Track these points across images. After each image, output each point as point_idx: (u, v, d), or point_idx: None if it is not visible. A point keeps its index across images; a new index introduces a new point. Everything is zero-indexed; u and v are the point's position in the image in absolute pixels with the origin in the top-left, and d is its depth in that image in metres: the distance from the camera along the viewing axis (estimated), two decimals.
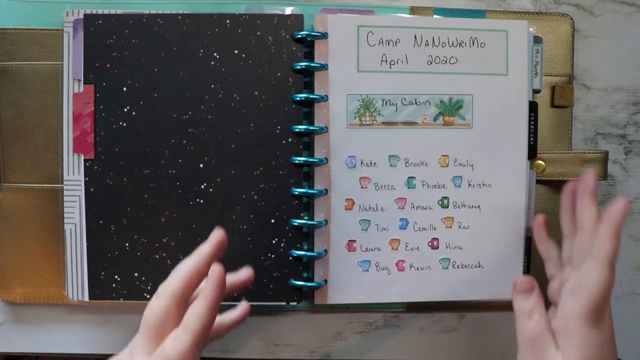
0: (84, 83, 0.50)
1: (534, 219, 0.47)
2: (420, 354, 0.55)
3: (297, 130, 0.49)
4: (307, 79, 0.50)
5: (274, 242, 0.50)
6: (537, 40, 0.52)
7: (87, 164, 0.50)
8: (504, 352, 0.55)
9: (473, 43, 0.49)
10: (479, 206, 0.50)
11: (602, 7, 0.55)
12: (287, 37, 0.49)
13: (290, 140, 0.49)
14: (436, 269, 0.50)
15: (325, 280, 0.50)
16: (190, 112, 0.49)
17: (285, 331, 0.54)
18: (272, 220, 0.50)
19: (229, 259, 0.49)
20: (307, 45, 0.50)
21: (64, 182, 0.51)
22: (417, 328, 0.55)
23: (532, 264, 0.52)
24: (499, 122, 0.50)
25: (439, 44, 0.49)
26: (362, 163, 0.49)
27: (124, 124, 0.50)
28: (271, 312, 0.54)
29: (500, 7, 0.54)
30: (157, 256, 0.50)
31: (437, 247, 0.50)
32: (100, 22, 0.49)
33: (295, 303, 0.50)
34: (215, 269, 0.40)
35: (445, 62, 0.49)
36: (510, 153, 0.50)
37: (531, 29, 0.52)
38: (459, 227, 0.50)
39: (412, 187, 0.50)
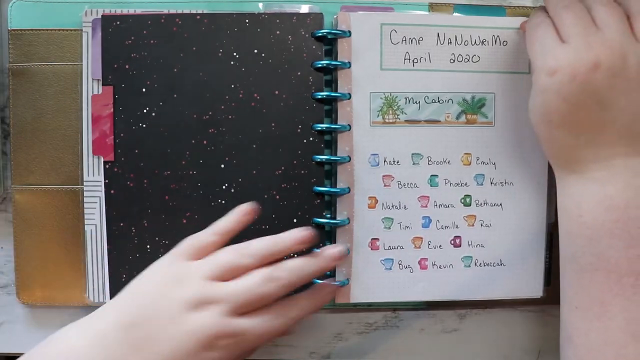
0: (102, 84, 0.49)
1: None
2: (420, 355, 0.54)
3: (319, 128, 0.49)
4: (326, 77, 0.50)
5: None
6: None
7: (107, 166, 0.50)
8: (504, 352, 0.54)
9: (495, 41, 0.49)
10: (500, 204, 0.50)
11: None
12: (307, 35, 0.49)
13: (311, 139, 0.49)
14: (458, 267, 0.50)
15: (348, 279, 0.50)
16: (210, 113, 0.49)
17: None
18: (295, 220, 0.50)
19: None
20: (327, 43, 0.49)
21: (84, 183, 0.50)
22: (418, 328, 0.54)
23: (554, 261, 0.52)
24: (520, 119, 0.50)
25: (461, 42, 0.49)
26: (385, 161, 0.49)
27: (144, 125, 0.49)
28: None
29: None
30: None
31: (460, 245, 0.50)
32: (118, 23, 0.49)
33: None
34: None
35: (468, 60, 0.49)
36: (532, 150, 0.50)
37: None
38: (481, 225, 0.50)
39: (435, 185, 0.50)
